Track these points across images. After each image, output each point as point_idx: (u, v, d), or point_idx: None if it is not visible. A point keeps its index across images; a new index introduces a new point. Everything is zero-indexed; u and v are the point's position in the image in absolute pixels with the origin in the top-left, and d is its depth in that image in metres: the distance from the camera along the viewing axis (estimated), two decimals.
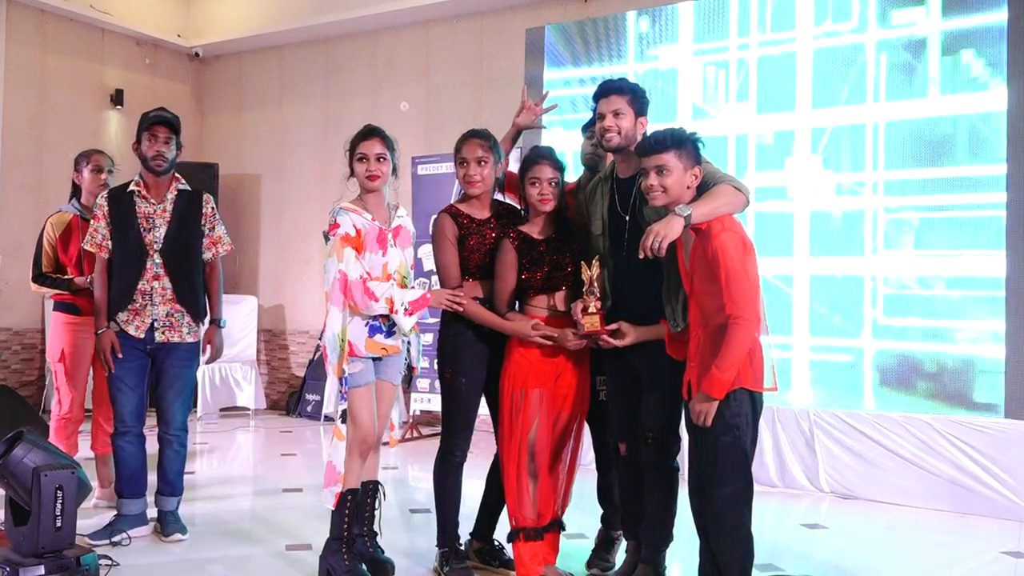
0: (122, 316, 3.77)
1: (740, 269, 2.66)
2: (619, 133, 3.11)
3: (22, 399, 6.82)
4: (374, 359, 3.30)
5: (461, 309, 3.25)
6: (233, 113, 8.77)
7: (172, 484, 3.91)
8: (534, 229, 3.30)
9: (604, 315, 3.10)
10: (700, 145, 2.87)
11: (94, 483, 4.37)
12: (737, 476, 2.74)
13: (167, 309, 3.78)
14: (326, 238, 3.23)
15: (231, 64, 8.88)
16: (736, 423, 2.71)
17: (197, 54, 8.83)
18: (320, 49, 8.34)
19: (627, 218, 3.14)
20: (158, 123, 3.81)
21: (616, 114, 3.11)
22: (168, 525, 3.89)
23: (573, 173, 3.56)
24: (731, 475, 2.74)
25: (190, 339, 3.85)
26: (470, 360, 3.34)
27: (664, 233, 2.70)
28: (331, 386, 3.21)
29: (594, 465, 3.64)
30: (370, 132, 3.29)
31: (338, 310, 3.18)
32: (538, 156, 3.27)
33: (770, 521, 4.36)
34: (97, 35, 8.09)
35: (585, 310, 3.08)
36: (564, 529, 3.41)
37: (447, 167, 6.47)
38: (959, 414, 4.79)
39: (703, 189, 2.86)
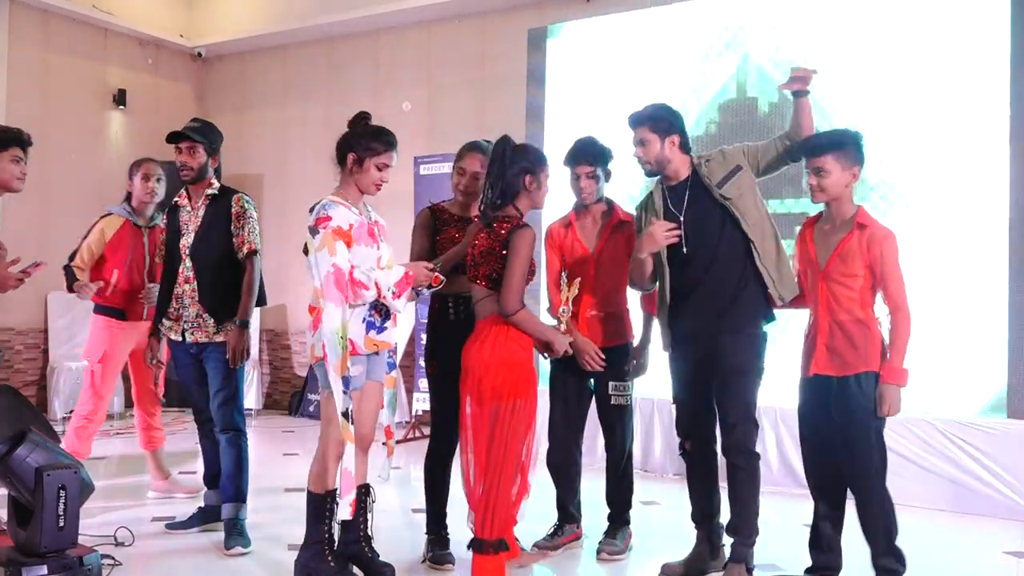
0: (166, 323, 3.90)
1: (899, 268, 3.07)
2: (649, 162, 3.32)
3: (25, 398, 6.82)
4: (367, 355, 3.23)
5: (438, 284, 3.27)
6: (235, 113, 8.77)
7: (223, 488, 3.83)
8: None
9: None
10: (861, 144, 3.10)
11: (148, 477, 4.68)
12: (882, 453, 3.15)
13: (196, 311, 3.82)
14: (312, 232, 3.12)
15: (233, 64, 8.89)
16: (872, 407, 3.08)
17: (200, 54, 8.84)
18: (322, 49, 8.34)
19: (681, 218, 3.29)
20: (171, 139, 3.93)
21: (641, 143, 3.31)
22: (226, 536, 3.79)
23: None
24: (878, 453, 3.14)
25: (219, 338, 3.80)
26: (449, 353, 3.35)
27: None
28: (335, 386, 3.03)
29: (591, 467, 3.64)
30: (395, 144, 3.31)
31: (335, 306, 3.05)
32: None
33: (772, 521, 4.35)
34: (100, 35, 8.10)
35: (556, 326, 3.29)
36: (508, 548, 3.10)
37: (449, 167, 6.43)
38: (961, 414, 4.78)
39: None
